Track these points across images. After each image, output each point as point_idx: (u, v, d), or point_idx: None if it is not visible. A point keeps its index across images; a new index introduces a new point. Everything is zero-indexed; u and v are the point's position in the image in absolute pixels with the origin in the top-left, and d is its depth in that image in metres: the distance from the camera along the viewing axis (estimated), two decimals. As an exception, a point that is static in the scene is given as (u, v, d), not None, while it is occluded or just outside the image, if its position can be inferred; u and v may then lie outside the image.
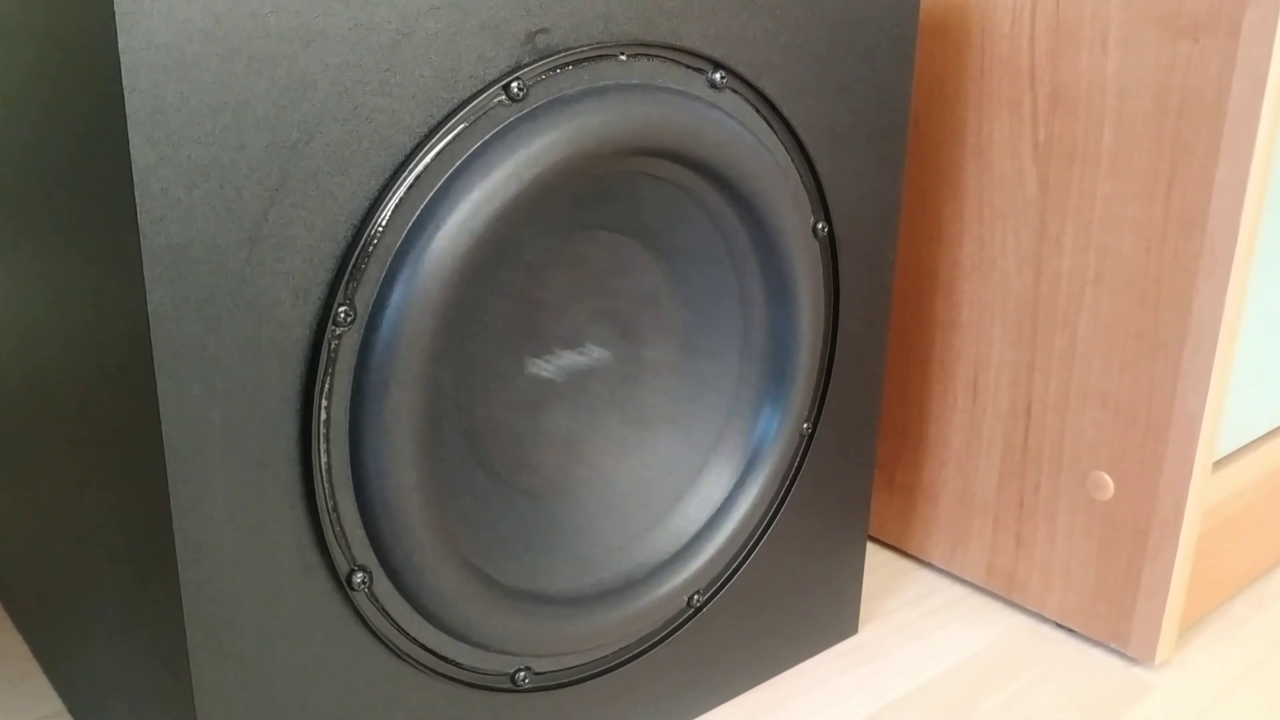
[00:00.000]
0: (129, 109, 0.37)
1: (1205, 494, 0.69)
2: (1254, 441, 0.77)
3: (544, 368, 0.55)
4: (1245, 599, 0.80)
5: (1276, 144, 0.63)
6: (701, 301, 0.59)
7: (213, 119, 0.39)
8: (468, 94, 0.45)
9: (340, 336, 0.43)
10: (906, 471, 0.84)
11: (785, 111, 0.56)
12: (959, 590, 0.81)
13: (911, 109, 0.76)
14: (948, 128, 0.75)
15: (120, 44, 0.36)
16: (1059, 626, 0.76)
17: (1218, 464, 0.73)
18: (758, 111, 0.55)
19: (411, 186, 0.44)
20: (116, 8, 0.36)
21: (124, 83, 0.37)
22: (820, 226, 0.60)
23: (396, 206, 0.44)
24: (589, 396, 0.57)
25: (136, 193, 0.38)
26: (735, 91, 0.54)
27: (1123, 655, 0.73)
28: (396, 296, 0.44)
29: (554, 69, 0.47)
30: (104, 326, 0.43)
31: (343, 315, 0.43)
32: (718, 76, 0.53)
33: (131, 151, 0.37)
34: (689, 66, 0.52)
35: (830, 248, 0.61)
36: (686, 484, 0.60)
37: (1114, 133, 0.66)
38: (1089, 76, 0.66)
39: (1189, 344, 0.65)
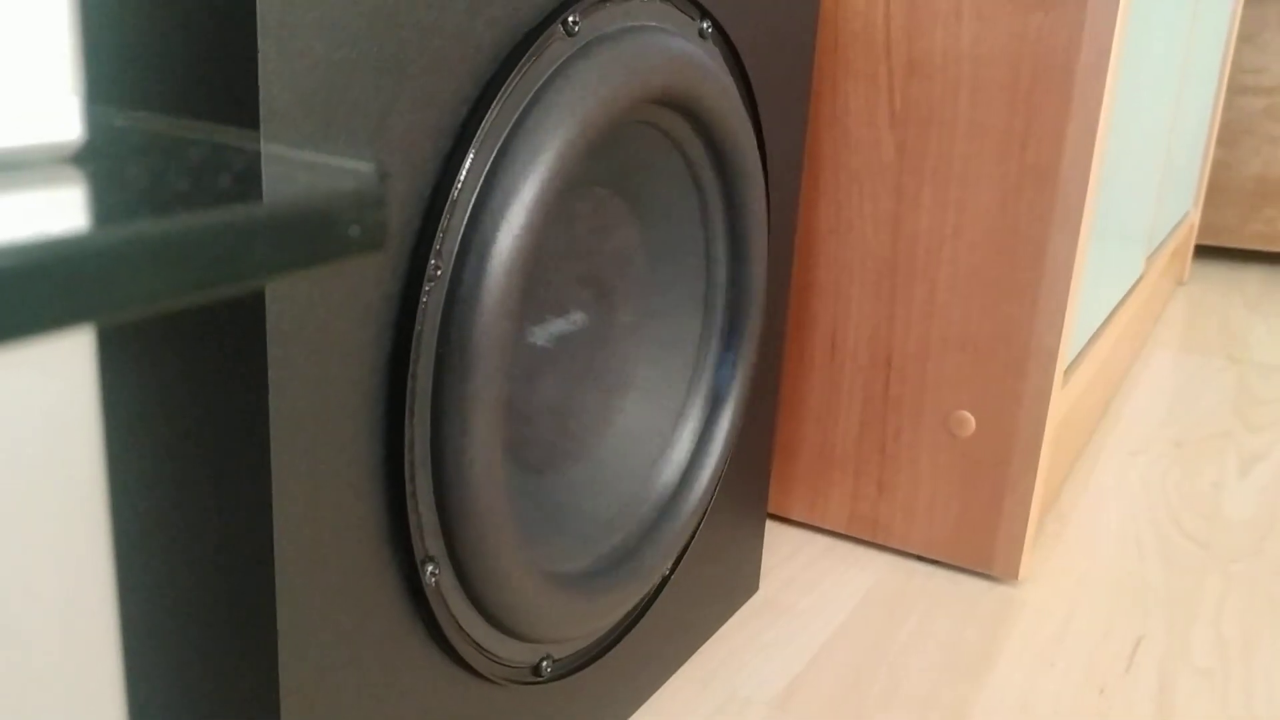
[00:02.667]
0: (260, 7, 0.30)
1: (1055, 420, 0.78)
2: (1072, 363, 0.87)
3: (539, 335, 0.51)
4: (1049, 517, 0.90)
5: (1118, 101, 0.72)
6: (669, 262, 0.58)
7: (331, 32, 0.33)
8: (531, 24, 0.41)
9: (429, 293, 0.38)
10: (760, 434, 0.86)
11: (746, 64, 0.57)
12: (823, 541, 0.85)
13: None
14: (799, 98, 0.78)
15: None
16: (923, 560, 0.82)
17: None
18: (727, 63, 0.55)
19: (492, 125, 0.39)
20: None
21: (248, -22, 0.30)
22: (761, 183, 0.61)
23: (479, 147, 0.39)
24: (572, 364, 0.54)
25: (261, 110, 0.31)
26: (715, 43, 0.54)
27: (987, 577, 0.80)
28: (480, 247, 0.39)
29: (597, 3, 0.44)
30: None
31: (433, 269, 0.38)
32: (705, 25, 0.52)
33: (260, 55, 0.30)
34: (686, 14, 0.51)
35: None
36: (659, 450, 0.58)
37: (970, 97, 0.72)
38: (944, 47, 0.72)
39: (1044, 285, 0.73)
